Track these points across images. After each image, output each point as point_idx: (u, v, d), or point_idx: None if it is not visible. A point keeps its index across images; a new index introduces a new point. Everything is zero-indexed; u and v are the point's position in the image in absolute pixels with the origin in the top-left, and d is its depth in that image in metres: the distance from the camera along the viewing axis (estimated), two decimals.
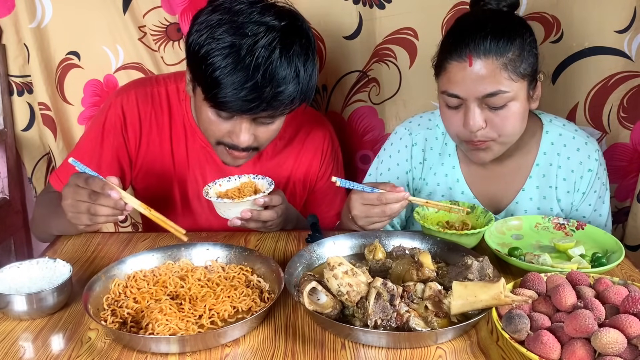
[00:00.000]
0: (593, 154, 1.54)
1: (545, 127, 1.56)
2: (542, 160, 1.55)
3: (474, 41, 1.33)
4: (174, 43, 1.90)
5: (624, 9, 1.76)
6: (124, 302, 1.14)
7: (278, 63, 1.26)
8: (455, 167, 1.60)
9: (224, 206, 1.36)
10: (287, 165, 1.63)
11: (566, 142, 1.54)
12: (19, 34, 1.88)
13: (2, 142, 1.95)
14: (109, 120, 1.53)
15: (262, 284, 1.21)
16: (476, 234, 1.37)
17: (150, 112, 1.54)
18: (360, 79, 1.95)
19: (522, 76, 1.36)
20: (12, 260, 1.40)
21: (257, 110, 1.29)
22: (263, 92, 1.26)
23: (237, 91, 1.25)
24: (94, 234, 1.52)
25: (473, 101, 1.36)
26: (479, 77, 1.34)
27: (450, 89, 1.38)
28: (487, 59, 1.33)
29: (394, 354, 1.02)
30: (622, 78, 1.84)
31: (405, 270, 1.20)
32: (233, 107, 1.29)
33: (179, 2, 1.82)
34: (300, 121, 1.63)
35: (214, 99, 1.29)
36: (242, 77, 1.24)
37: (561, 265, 1.27)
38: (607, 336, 0.92)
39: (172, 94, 1.55)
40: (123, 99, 1.54)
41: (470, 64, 1.33)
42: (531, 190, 1.57)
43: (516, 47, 1.34)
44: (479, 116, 1.37)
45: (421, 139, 1.62)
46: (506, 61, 1.33)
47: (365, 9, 1.85)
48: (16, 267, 1.18)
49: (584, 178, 1.54)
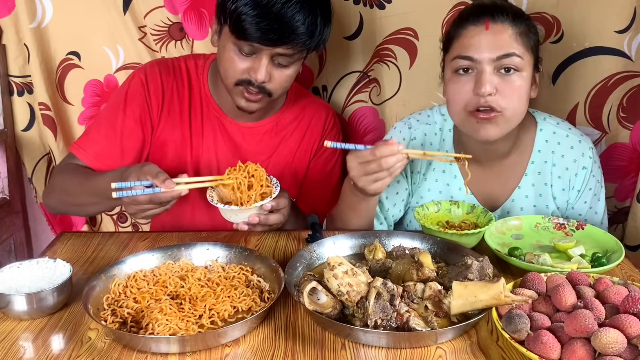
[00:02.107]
0: (587, 151, 1.55)
1: (539, 125, 1.58)
2: (537, 158, 1.57)
3: (491, 10, 1.42)
4: (176, 42, 1.91)
5: (624, 9, 1.76)
6: (124, 302, 1.14)
7: (298, 4, 1.39)
8: (452, 164, 1.61)
9: (231, 212, 1.37)
10: (294, 138, 1.71)
11: (560, 140, 1.56)
12: (19, 34, 1.88)
13: (2, 142, 1.95)
14: (132, 88, 1.60)
15: (262, 283, 1.22)
16: (476, 234, 1.37)
17: (172, 82, 1.62)
18: (360, 79, 1.95)
19: (531, 50, 1.42)
20: (12, 260, 1.40)
21: (275, 39, 1.39)
22: (282, 23, 1.38)
23: (259, 20, 1.37)
24: (94, 234, 1.52)
25: (487, 64, 1.39)
26: (495, 39, 1.39)
27: (464, 52, 1.41)
28: (503, 24, 1.40)
29: (394, 354, 1.02)
30: (622, 78, 1.83)
31: (405, 270, 1.20)
32: (254, 35, 1.39)
33: (182, 2, 1.83)
34: (305, 102, 1.73)
35: (238, 29, 1.40)
36: (264, 8, 1.37)
37: (561, 265, 1.27)
38: (607, 336, 0.92)
39: (192, 67, 1.65)
40: (147, 70, 1.62)
41: (487, 27, 1.40)
42: (527, 187, 1.58)
43: (526, 24, 1.43)
44: (491, 80, 1.39)
45: (420, 133, 1.64)
46: (519, 31, 1.40)
47: (366, 9, 1.85)
48: (16, 267, 1.18)
49: (578, 176, 1.55)
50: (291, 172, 1.72)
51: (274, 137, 1.68)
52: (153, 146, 1.64)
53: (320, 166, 1.74)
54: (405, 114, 1.94)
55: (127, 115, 1.58)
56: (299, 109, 1.72)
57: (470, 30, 1.42)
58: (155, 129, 1.63)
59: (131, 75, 1.63)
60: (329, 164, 1.75)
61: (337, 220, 1.57)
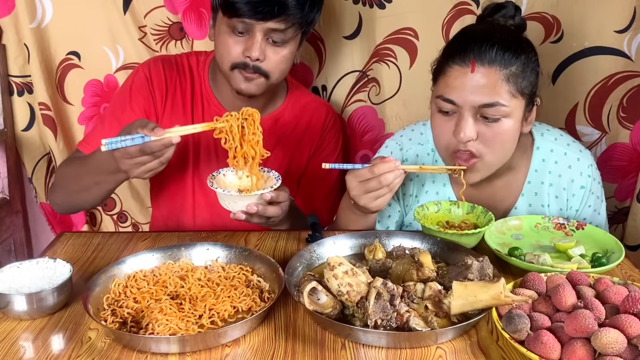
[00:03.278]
0: (585, 170, 1.50)
1: (536, 143, 1.52)
2: (533, 177, 1.52)
3: (479, 48, 1.31)
4: (176, 42, 1.91)
5: (623, 9, 1.76)
6: (124, 302, 1.14)
7: None
8: (446, 185, 1.57)
9: (230, 198, 1.33)
10: (296, 133, 1.71)
11: (557, 158, 1.51)
12: (19, 34, 1.88)
13: (2, 142, 1.95)
14: (137, 83, 1.62)
15: (262, 284, 1.21)
16: (476, 234, 1.37)
17: (175, 77, 1.64)
18: (360, 79, 1.95)
19: (522, 94, 1.34)
20: (12, 260, 1.40)
21: (265, 12, 1.41)
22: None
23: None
24: (94, 234, 1.52)
25: (468, 110, 1.33)
26: (479, 85, 1.31)
27: (447, 94, 1.34)
28: (491, 67, 1.31)
29: (394, 354, 1.02)
30: (622, 78, 1.84)
31: (405, 270, 1.20)
32: (244, 10, 1.41)
33: (182, 2, 1.83)
34: (305, 100, 1.75)
35: (228, 6, 1.43)
36: None
37: (561, 265, 1.27)
38: (607, 336, 0.92)
39: (193, 63, 1.68)
40: (150, 64, 1.64)
41: (473, 70, 1.30)
42: (523, 208, 1.54)
43: (520, 62, 1.32)
44: (472, 127, 1.33)
45: (412, 154, 1.58)
46: (509, 74, 1.31)
47: (366, 8, 1.85)
48: (16, 267, 1.18)
49: (576, 196, 1.51)
50: (290, 169, 1.72)
51: (274, 135, 1.68)
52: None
53: (319, 164, 1.73)
54: (404, 113, 1.95)
55: (134, 108, 1.60)
56: (299, 108, 1.73)
57: (454, 70, 1.33)
58: (159, 123, 1.61)
59: (135, 71, 1.65)
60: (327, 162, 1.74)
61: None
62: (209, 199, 1.65)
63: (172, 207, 1.72)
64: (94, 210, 2.14)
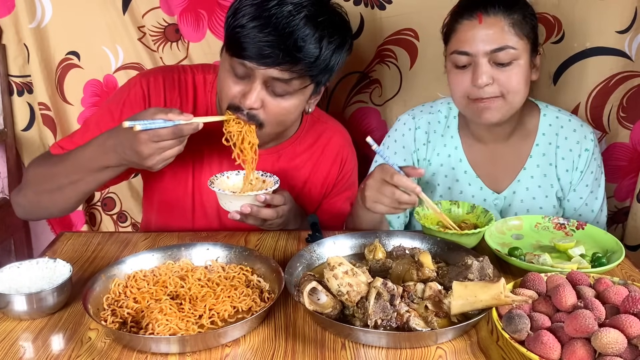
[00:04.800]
0: (589, 135, 1.62)
1: (542, 111, 1.64)
2: (541, 140, 1.62)
3: (484, 1, 1.45)
4: (172, 44, 1.90)
5: (624, 10, 1.76)
6: (124, 302, 1.14)
7: (302, 22, 1.27)
8: (457, 148, 1.65)
9: (226, 198, 1.36)
10: (305, 169, 1.61)
11: (563, 124, 1.63)
12: (19, 34, 1.88)
13: (2, 142, 1.95)
14: (132, 97, 1.48)
15: (262, 284, 1.21)
16: (476, 234, 1.37)
17: (176, 98, 1.51)
18: (361, 80, 1.95)
19: (527, 37, 1.46)
20: (12, 260, 1.40)
21: (271, 57, 1.27)
22: (280, 41, 1.26)
23: (255, 33, 1.26)
24: (94, 234, 1.52)
25: (482, 57, 1.44)
26: (488, 33, 1.43)
27: (460, 47, 1.46)
28: (496, 16, 1.44)
29: (394, 354, 1.02)
30: (623, 78, 1.84)
31: (405, 270, 1.20)
32: (250, 50, 1.27)
33: (178, 3, 1.82)
34: (321, 129, 1.62)
35: (231, 43, 1.31)
36: (263, 23, 1.26)
37: (561, 265, 1.27)
38: (607, 336, 0.92)
39: (199, 84, 1.53)
40: (150, 80, 1.50)
41: (480, 21, 1.44)
42: (532, 168, 1.63)
43: (519, 11, 1.45)
44: (488, 72, 1.44)
45: (424, 122, 1.68)
46: (512, 21, 1.44)
47: (367, 10, 1.85)
48: (16, 267, 1.18)
49: (581, 157, 1.61)
50: (303, 202, 1.62)
51: (285, 166, 1.57)
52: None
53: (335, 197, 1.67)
54: None
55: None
56: (312, 139, 1.60)
57: (464, 24, 1.46)
58: None
59: (133, 81, 1.51)
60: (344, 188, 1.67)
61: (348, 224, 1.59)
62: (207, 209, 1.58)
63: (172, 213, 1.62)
64: (93, 210, 2.14)
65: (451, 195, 1.66)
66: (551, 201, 1.63)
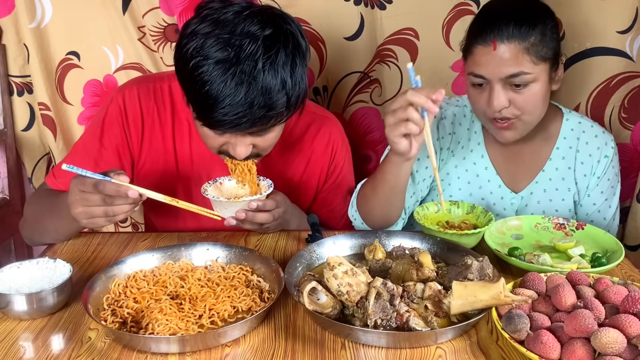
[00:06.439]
0: (610, 142, 1.62)
1: (565, 116, 1.64)
2: (562, 143, 1.63)
3: (498, 27, 1.41)
4: (171, 44, 1.90)
5: (625, 10, 1.76)
6: (124, 302, 1.14)
7: (262, 76, 1.19)
8: (480, 144, 1.66)
9: (220, 205, 1.36)
10: (296, 164, 1.60)
11: (585, 129, 1.63)
12: (19, 34, 1.88)
13: (2, 142, 1.95)
14: (110, 116, 1.48)
15: (262, 284, 1.22)
16: (476, 234, 1.37)
17: (152, 107, 1.50)
18: (361, 80, 1.95)
19: (544, 59, 1.43)
20: (12, 260, 1.40)
21: (247, 127, 1.25)
22: (251, 109, 1.21)
23: (225, 110, 1.20)
24: (94, 234, 1.52)
25: (497, 82, 1.43)
26: (503, 59, 1.41)
27: (476, 70, 1.46)
28: (510, 43, 1.40)
29: (394, 354, 1.02)
30: (624, 79, 1.84)
31: (405, 270, 1.20)
32: (224, 126, 1.24)
33: (178, 3, 1.82)
34: (308, 120, 1.59)
35: (205, 120, 1.26)
36: (228, 94, 1.19)
37: (561, 265, 1.27)
38: (607, 336, 0.92)
39: (176, 90, 1.50)
40: (125, 94, 1.49)
41: (495, 48, 1.41)
42: (551, 171, 1.63)
43: (538, 32, 1.41)
44: (503, 95, 1.44)
45: (450, 113, 1.68)
46: (528, 45, 1.40)
47: (367, 9, 1.85)
48: (16, 267, 1.18)
49: (600, 163, 1.61)
50: (297, 196, 1.61)
51: (274, 164, 1.57)
52: (135, 179, 1.53)
53: (330, 186, 1.66)
54: None
55: (104, 145, 1.48)
56: (301, 131, 1.59)
57: (479, 49, 1.44)
58: (137, 162, 1.53)
59: (109, 100, 1.51)
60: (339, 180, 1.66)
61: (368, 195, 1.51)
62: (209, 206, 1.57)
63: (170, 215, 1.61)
64: None
65: (470, 189, 1.66)
66: (567, 204, 1.63)
